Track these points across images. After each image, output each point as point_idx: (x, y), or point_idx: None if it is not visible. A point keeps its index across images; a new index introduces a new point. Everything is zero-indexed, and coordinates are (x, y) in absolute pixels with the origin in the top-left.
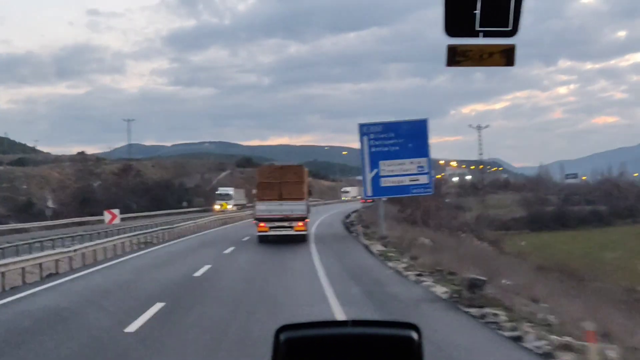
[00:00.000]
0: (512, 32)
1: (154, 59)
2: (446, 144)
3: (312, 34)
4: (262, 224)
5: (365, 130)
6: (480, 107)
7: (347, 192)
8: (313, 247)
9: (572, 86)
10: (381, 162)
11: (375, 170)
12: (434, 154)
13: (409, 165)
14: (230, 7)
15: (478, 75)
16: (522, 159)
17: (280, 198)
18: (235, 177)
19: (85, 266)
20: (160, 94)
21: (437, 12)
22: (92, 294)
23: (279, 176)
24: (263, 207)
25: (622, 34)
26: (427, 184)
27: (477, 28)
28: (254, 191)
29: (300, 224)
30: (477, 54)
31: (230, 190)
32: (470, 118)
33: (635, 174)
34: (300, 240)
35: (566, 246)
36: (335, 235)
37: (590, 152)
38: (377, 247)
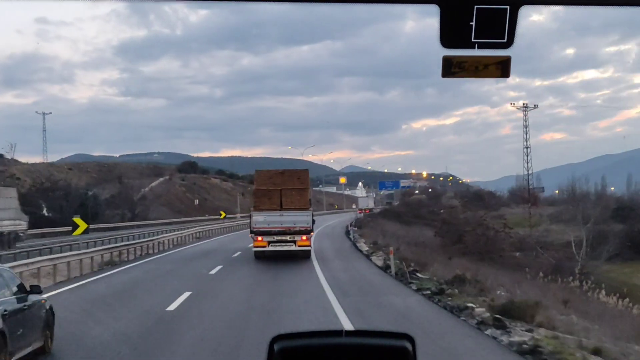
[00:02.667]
0: (508, 44)
1: (104, 69)
2: (397, 158)
3: (265, 47)
4: (259, 238)
5: None
6: (431, 122)
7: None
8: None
9: (521, 102)
10: None
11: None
12: (389, 167)
13: None
14: (182, 18)
15: (430, 90)
16: (471, 174)
17: (281, 208)
18: (173, 184)
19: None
20: (110, 104)
21: (389, 27)
22: None
23: (280, 182)
24: (260, 219)
25: (570, 51)
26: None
27: (473, 39)
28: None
29: (304, 238)
30: (472, 65)
31: None
32: (421, 133)
33: (558, 191)
34: (302, 257)
35: None
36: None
37: (540, 168)
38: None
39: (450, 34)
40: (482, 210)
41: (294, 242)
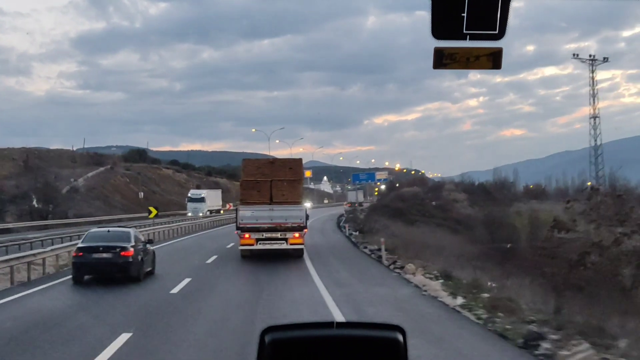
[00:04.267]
0: (499, 36)
1: (62, 61)
2: (359, 153)
3: (225, 40)
4: (246, 235)
5: None
6: (392, 117)
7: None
8: None
9: (481, 99)
10: None
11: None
12: (348, 163)
13: None
14: (142, 10)
15: (391, 85)
16: (432, 169)
17: (271, 201)
18: (114, 174)
19: None
20: (68, 97)
21: (351, 22)
22: None
23: (270, 173)
24: (248, 214)
25: (531, 48)
26: None
27: (464, 31)
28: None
29: (297, 235)
30: (464, 56)
31: (203, 193)
32: (383, 128)
33: (532, 186)
34: (295, 256)
35: None
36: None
37: (499, 164)
38: None
39: (442, 26)
40: (493, 205)
41: (285, 239)
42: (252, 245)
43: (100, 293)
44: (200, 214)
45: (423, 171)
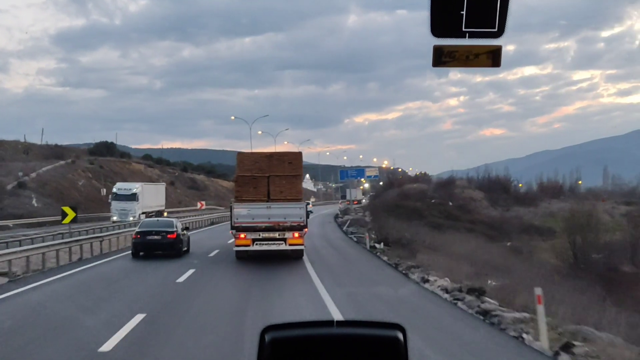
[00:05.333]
0: (498, 33)
1: (41, 58)
2: (339, 152)
3: (206, 37)
4: (242, 235)
5: None
6: (373, 116)
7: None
8: None
9: (462, 98)
10: None
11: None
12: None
13: None
14: (122, 7)
15: (372, 84)
16: (412, 167)
17: (268, 198)
18: (74, 169)
19: None
20: (47, 94)
21: (333, 21)
22: None
23: (267, 167)
24: (243, 212)
25: (510, 48)
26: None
27: (464, 29)
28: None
29: (296, 235)
30: (463, 54)
31: (135, 187)
32: (363, 127)
33: (521, 185)
34: (294, 257)
35: None
36: None
37: (480, 163)
38: None
39: (441, 23)
40: (516, 204)
41: (284, 240)
42: (248, 245)
43: (150, 260)
44: (131, 218)
45: (401, 169)
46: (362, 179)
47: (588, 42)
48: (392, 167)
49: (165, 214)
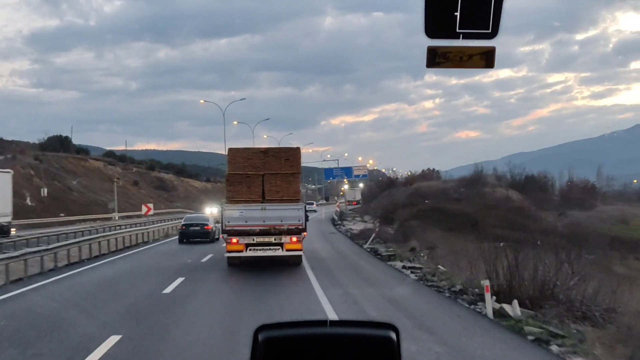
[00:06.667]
0: (492, 35)
1: (14, 59)
2: (316, 154)
3: (182, 39)
4: (233, 240)
5: None
6: (349, 118)
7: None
8: None
9: (437, 100)
10: None
11: None
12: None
13: None
14: (96, 8)
15: (348, 86)
16: (396, 168)
17: (263, 199)
18: (14, 165)
19: None
20: (20, 96)
21: (309, 22)
22: None
23: (261, 165)
24: (236, 214)
25: None
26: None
27: (458, 30)
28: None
29: (294, 239)
30: (457, 55)
31: None
32: (340, 129)
33: (568, 183)
34: (292, 263)
35: None
36: None
37: (455, 165)
38: None
39: (435, 24)
40: (567, 207)
41: (281, 244)
42: (241, 251)
43: (192, 245)
44: None
45: (385, 169)
46: (345, 180)
47: (563, 45)
48: (376, 168)
49: (14, 231)
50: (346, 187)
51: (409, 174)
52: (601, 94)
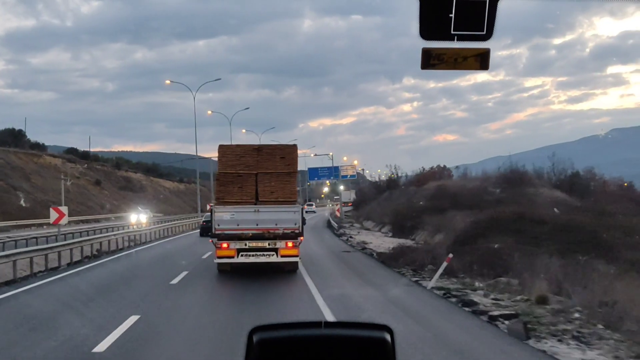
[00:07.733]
0: (487, 37)
1: None
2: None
3: (159, 40)
4: (224, 245)
5: None
6: (328, 121)
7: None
8: None
9: (415, 104)
10: None
11: None
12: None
13: None
14: (73, 9)
15: (326, 89)
16: (380, 170)
17: (257, 201)
18: None
19: None
20: None
21: (287, 25)
22: None
23: (255, 163)
24: (226, 217)
25: None
26: None
27: (452, 32)
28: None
29: (290, 244)
30: (452, 57)
31: None
32: (318, 132)
33: (625, 184)
34: (287, 270)
35: None
36: None
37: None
38: None
39: (430, 26)
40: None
41: (275, 250)
42: (232, 257)
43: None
44: None
45: (368, 170)
46: (327, 181)
47: (540, 50)
48: (361, 169)
49: None
50: (342, 187)
51: (421, 170)
52: (578, 98)
